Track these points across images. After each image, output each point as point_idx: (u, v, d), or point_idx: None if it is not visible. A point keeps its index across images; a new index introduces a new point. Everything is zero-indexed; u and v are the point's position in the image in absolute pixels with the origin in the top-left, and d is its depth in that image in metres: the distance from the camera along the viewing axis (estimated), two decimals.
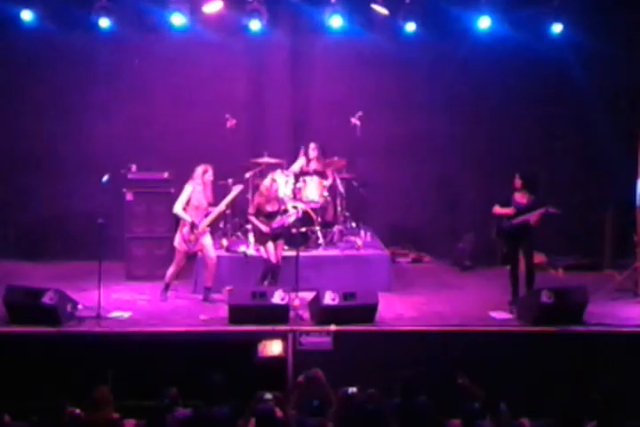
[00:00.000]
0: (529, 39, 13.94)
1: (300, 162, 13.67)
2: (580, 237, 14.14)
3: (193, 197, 11.77)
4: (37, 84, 14.11)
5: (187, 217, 11.70)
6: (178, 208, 11.77)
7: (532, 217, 11.41)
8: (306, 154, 13.65)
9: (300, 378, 8.84)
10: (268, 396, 8.21)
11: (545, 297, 10.81)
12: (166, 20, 13.50)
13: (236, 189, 12.04)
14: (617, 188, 13.78)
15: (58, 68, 14.10)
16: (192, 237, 11.70)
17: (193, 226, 11.68)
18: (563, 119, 14.57)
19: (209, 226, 11.91)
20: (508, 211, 11.55)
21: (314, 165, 13.58)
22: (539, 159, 14.37)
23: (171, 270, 11.93)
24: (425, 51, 14.35)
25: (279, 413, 8.01)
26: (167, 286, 11.98)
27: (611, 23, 13.80)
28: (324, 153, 13.59)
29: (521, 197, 11.61)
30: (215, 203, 11.93)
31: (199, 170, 11.84)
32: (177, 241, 11.85)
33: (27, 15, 13.34)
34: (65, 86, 14.10)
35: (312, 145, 13.58)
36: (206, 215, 11.82)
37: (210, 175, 11.90)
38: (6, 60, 14.06)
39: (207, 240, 11.90)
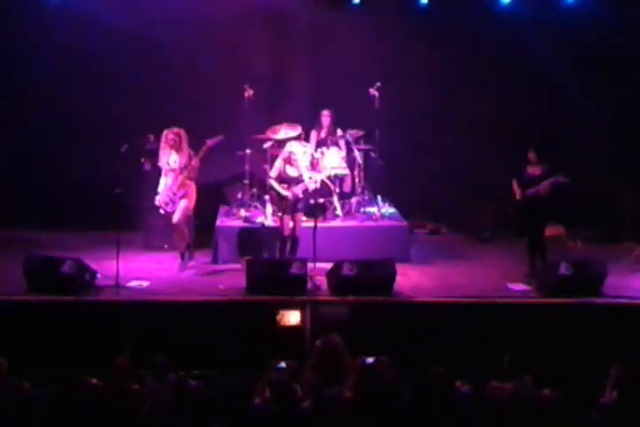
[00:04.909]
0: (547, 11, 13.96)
1: (314, 136, 13.60)
2: (600, 209, 14.04)
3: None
4: (54, 54, 14.06)
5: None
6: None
7: (542, 188, 11.38)
8: (318, 121, 13.58)
9: (318, 342, 8.83)
10: (283, 364, 8.22)
11: (564, 269, 10.79)
12: None
13: (210, 142, 11.75)
14: (636, 159, 13.71)
15: (71, 36, 14.03)
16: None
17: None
18: (578, 91, 14.43)
19: (182, 187, 11.82)
20: (517, 193, 11.58)
21: (325, 133, 13.53)
22: (556, 130, 14.28)
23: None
24: (445, 22, 14.29)
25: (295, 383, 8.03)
26: (183, 256, 11.99)
27: None
28: (335, 122, 13.54)
29: (534, 170, 11.60)
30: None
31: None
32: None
33: None
34: (82, 56, 14.06)
35: (325, 112, 13.50)
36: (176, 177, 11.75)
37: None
38: (22, 28, 14.01)
39: (180, 203, 11.82)
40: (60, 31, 14.00)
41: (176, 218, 11.70)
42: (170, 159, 11.72)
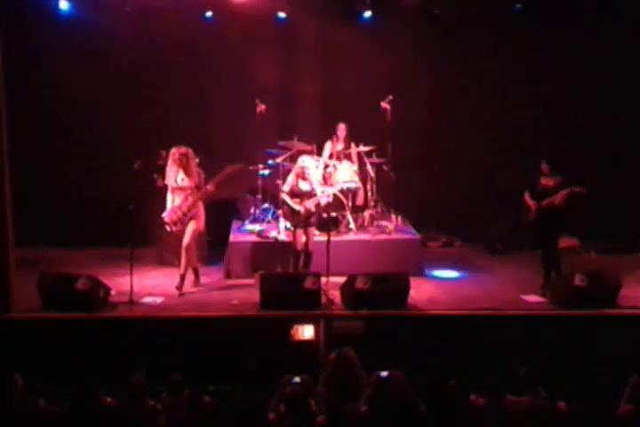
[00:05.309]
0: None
1: (328, 147, 13.63)
2: (614, 221, 14.01)
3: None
4: (67, 69, 14.08)
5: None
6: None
7: (557, 198, 11.31)
8: (334, 134, 13.60)
9: (332, 356, 8.82)
10: (297, 379, 8.20)
11: (578, 280, 10.76)
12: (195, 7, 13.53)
13: (229, 169, 11.76)
14: None
15: (84, 51, 14.06)
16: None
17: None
18: (593, 98, 14.42)
19: (192, 208, 11.80)
20: (531, 205, 11.50)
21: (341, 146, 13.53)
22: (569, 140, 14.23)
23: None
24: (456, 34, 14.30)
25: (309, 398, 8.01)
26: (195, 272, 11.96)
27: None
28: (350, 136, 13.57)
29: (547, 181, 11.51)
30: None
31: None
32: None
33: (63, 4, 13.53)
34: (95, 72, 14.10)
35: (341, 125, 13.52)
36: (186, 197, 11.71)
37: None
38: (38, 47, 14.07)
39: (189, 225, 11.73)
40: (72, 46, 14.03)
41: (186, 241, 11.64)
42: (177, 177, 11.71)
